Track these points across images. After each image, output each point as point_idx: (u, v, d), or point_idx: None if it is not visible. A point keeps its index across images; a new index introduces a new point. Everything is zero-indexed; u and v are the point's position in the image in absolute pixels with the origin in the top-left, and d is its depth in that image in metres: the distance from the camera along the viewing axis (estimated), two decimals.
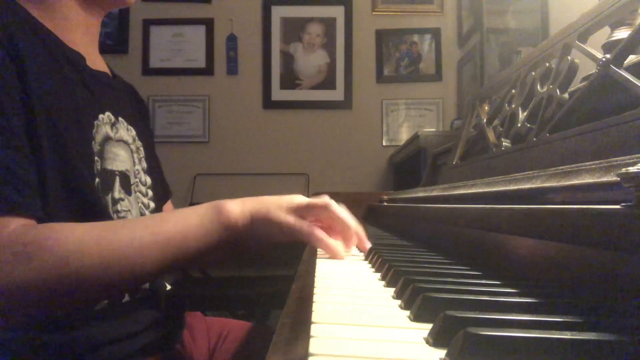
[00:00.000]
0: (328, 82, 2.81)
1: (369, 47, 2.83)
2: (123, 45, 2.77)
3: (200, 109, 2.80)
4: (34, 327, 0.59)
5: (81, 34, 0.75)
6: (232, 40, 2.81)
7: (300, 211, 0.64)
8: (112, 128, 0.74)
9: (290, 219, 0.62)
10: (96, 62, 0.78)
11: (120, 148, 0.75)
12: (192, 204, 2.66)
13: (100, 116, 0.72)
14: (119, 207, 0.72)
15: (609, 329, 0.27)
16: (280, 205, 0.64)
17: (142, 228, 0.58)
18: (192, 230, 0.60)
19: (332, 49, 2.82)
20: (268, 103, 2.81)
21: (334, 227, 0.67)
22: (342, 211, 0.67)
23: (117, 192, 0.72)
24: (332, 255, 0.63)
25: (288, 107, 2.82)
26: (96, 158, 0.69)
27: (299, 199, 0.65)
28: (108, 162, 0.71)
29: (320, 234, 0.62)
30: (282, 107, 2.82)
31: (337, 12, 2.82)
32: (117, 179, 0.73)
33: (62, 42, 0.69)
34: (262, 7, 2.82)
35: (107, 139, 0.72)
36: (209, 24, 2.81)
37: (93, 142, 0.69)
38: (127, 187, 0.75)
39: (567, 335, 0.24)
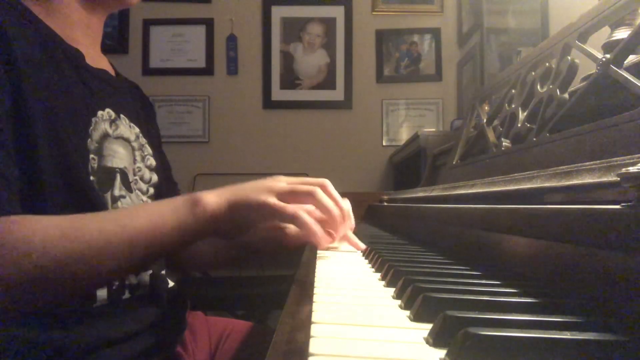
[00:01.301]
0: (328, 82, 2.81)
1: (369, 47, 2.83)
2: (123, 45, 2.77)
3: (200, 109, 2.80)
4: (32, 326, 0.59)
5: (82, 33, 0.75)
6: (232, 40, 2.81)
7: (282, 196, 0.61)
8: (111, 125, 0.74)
9: (271, 200, 0.60)
10: (98, 60, 0.78)
11: (119, 145, 0.74)
12: None
13: (100, 113, 0.72)
14: (119, 204, 0.71)
15: (609, 329, 0.27)
16: (259, 188, 0.62)
17: (111, 221, 0.56)
18: (166, 224, 0.58)
19: (332, 49, 2.82)
20: (268, 103, 2.81)
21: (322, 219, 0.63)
22: (327, 201, 0.63)
23: (118, 190, 0.72)
24: (314, 242, 0.60)
25: (288, 107, 2.82)
26: (92, 156, 0.68)
27: (280, 184, 0.63)
28: (107, 159, 0.71)
29: (304, 216, 0.59)
30: (282, 107, 2.82)
31: (337, 12, 2.82)
32: (118, 176, 0.72)
33: (61, 39, 0.69)
34: (262, 7, 2.82)
35: (105, 136, 0.71)
36: (209, 24, 2.81)
37: (89, 139, 0.68)
38: (127, 184, 0.75)
39: (567, 335, 0.25)
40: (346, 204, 0.68)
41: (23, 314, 0.58)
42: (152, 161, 0.84)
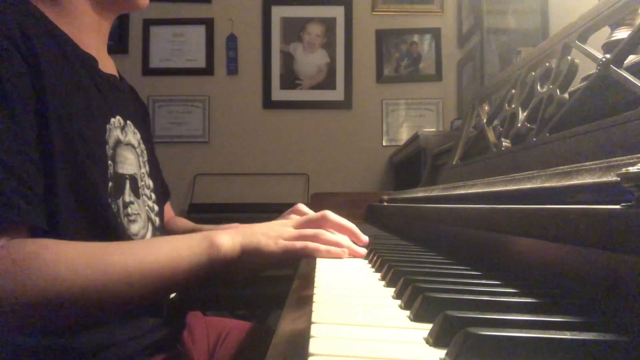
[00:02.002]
0: (328, 82, 2.81)
1: (369, 47, 2.83)
2: (123, 45, 2.77)
3: (200, 109, 2.80)
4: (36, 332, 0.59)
5: (93, 37, 0.75)
6: (232, 40, 2.81)
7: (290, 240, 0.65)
8: (122, 132, 0.75)
9: (279, 251, 0.63)
10: (106, 64, 0.78)
11: (128, 152, 0.75)
12: (192, 204, 2.67)
13: (112, 120, 0.73)
14: (129, 210, 0.72)
15: (609, 329, 0.27)
16: (269, 236, 0.64)
17: (132, 255, 0.57)
18: (182, 263, 0.59)
19: (332, 49, 2.82)
20: (268, 103, 2.81)
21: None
22: (332, 237, 0.66)
23: (128, 196, 0.72)
24: (336, 257, 0.64)
25: (288, 107, 2.82)
26: (109, 162, 0.69)
27: (288, 231, 0.66)
28: (119, 166, 0.72)
29: (312, 246, 0.63)
30: (282, 107, 2.82)
31: (337, 12, 2.82)
32: (127, 182, 0.73)
33: (76, 44, 0.69)
34: (262, 7, 2.82)
35: (118, 142, 0.73)
36: (209, 24, 2.81)
37: (107, 145, 0.69)
38: (136, 190, 0.75)
39: (567, 335, 0.24)
40: (351, 225, 0.72)
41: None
42: (148, 167, 0.84)
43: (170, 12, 2.79)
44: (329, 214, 0.71)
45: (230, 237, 0.62)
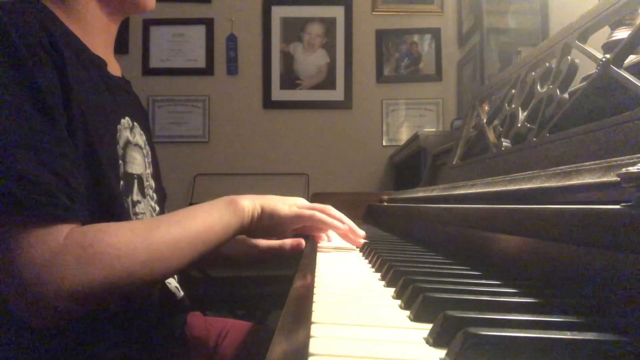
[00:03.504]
0: (328, 82, 2.81)
1: (369, 47, 2.83)
2: (123, 45, 2.77)
3: (200, 109, 2.79)
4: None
5: (102, 39, 0.76)
6: (232, 40, 2.81)
7: (303, 211, 0.75)
8: (130, 132, 0.76)
9: (291, 214, 0.73)
10: (113, 67, 0.79)
11: (136, 152, 0.77)
12: (191, 204, 2.66)
13: (122, 121, 0.74)
14: (136, 209, 0.74)
15: (609, 329, 0.27)
16: (284, 202, 0.74)
17: (175, 224, 0.61)
18: (216, 225, 0.65)
19: (332, 49, 2.81)
20: (268, 103, 2.81)
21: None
22: (332, 221, 0.77)
23: (135, 195, 0.74)
24: (336, 229, 0.77)
25: (288, 107, 2.82)
26: (120, 161, 0.70)
27: (300, 202, 0.77)
28: (128, 166, 0.73)
29: (319, 215, 0.75)
30: (282, 107, 2.81)
31: (337, 12, 2.82)
32: (135, 182, 0.75)
33: (86, 46, 0.70)
34: (262, 7, 2.82)
35: (127, 142, 0.74)
36: (209, 24, 2.81)
37: (118, 145, 0.71)
38: (142, 190, 0.77)
39: (567, 335, 0.24)
40: (350, 221, 0.81)
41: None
42: (152, 167, 0.85)
43: (170, 12, 2.79)
44: (331, 208, 0.79)
45: (251, 200, 0.71)
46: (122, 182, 0.70)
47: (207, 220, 0.64)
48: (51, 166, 0.54)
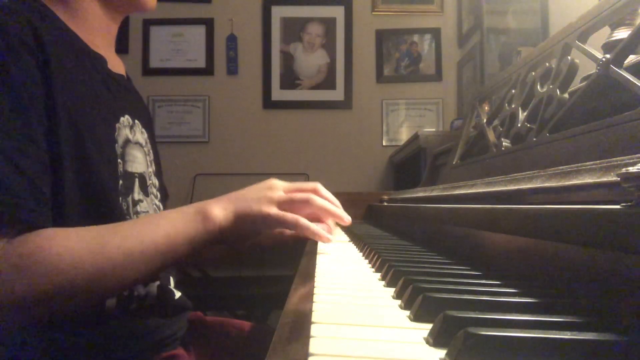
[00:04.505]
0: (328, 82, 2.81)
1: (369, 47, 2.83)
2: (123, 45, 2.77)
3: (200, 109, 2.79)
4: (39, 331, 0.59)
5: (102, 38, 0.76)
6: (232, 40, 2.81)
7: (282, 205, 0.65)
8: (130, 130, 0.76)
9: (273, 211, 0.64)
10: (115, 64, 0.79)
11: (137, 150, 0.76)
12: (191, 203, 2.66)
13: (121, 119, 0.74)
14: (138, 208, 0.73)
15: (609, 329, 0.27)
16: (260, 199, 0.65)
17: (131, 237, 0.57)
18: (179, 237, 0.60)
19: (332, 49, 2.81)
20: (268, 103, 2.81)
21: (319, 217, 0.69)
22: (323, 202, 0.68)
23: (137, 194, 0.74)
24: (320, 240, 0.66)
25: (288, 107, 2.82)
26: (119, 160, 0.70)
27: (279, 194, 0.67)
28: (128, 164, 0.73)
29: (303, 222, 0.64)
30: (282, 107, 2.81)
31: (337, 12, 2.82)
32: (137, 180, 0.74)
33: (86, 44, 0.70)
34: (262, 7, 2.82)
35: (127, 141, 0.74)
36: (209, 24, 2.81)
37: (116, 144, 0.70)
38: (144, 188, 0.77)
39: (567, 335, 0.24)
40: (338, 203, 0.73)
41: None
42: (154, 166, 0.85)
43: (170, 12, 2.79)
44: (320, 187, 0.72)
45: (221, 207, 0.63)
46: (121, 181, 0.69)
47: (170, 232, 0.59)
48: (17, 166, 0.52)
